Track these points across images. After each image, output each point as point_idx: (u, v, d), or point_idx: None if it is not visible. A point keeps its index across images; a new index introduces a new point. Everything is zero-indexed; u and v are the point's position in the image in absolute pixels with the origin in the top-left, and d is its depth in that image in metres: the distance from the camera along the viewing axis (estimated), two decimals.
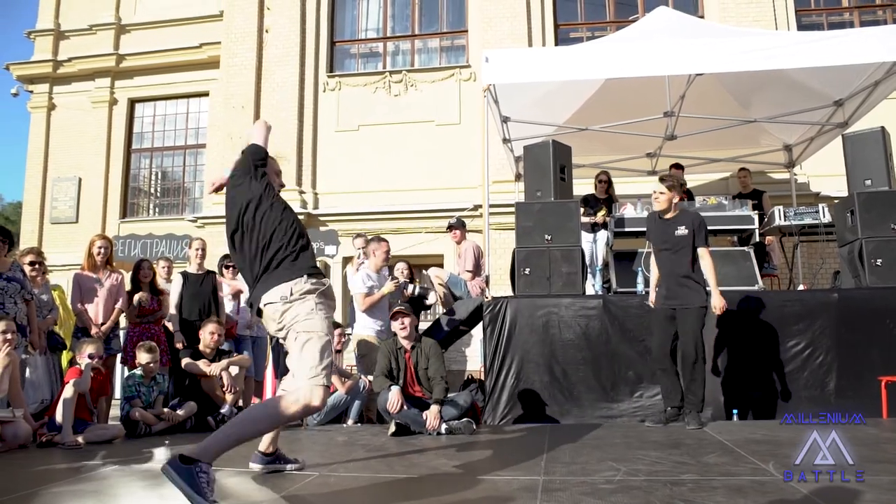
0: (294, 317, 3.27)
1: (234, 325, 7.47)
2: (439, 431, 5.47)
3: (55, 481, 3.74)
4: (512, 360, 6.52)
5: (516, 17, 12.57)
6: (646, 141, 9.55)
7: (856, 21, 12.39)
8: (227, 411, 6.27)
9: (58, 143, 15.15)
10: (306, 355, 3.19)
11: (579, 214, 7.37)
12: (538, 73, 7.21)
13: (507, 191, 10.56)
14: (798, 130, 9.46)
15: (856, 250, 6.73)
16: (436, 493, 3.28)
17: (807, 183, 11.18)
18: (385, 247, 7.02)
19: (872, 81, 7.60)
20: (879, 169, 6.99)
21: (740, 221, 7.86)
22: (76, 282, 6.74)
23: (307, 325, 3.25)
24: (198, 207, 14.25)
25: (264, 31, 13.67)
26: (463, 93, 12.75)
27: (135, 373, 6.12)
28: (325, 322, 3.30)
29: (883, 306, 6.24)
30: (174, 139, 15.05)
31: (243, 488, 3.63)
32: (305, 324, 3.25)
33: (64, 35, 15.57)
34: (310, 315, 3.26)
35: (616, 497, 3.08)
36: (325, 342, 3.23)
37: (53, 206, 14.92)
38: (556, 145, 7.37)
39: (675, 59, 6.89)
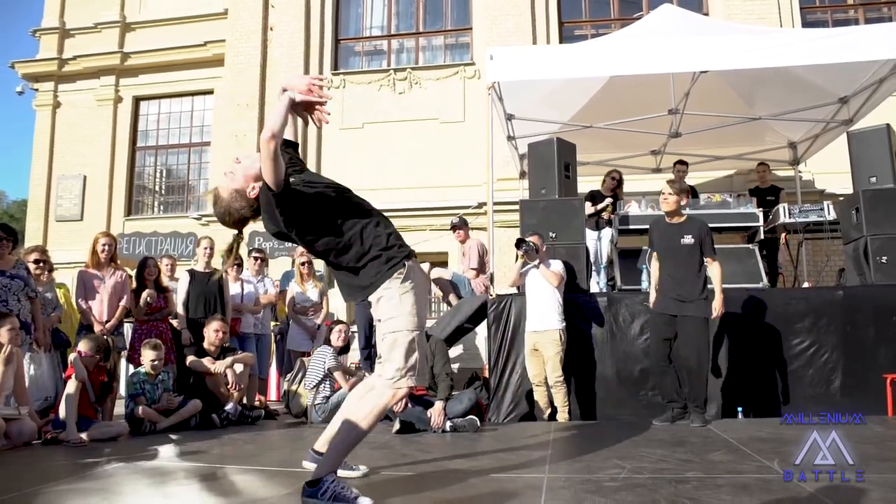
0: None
1: (237, 322, 7.48)
2: (444, 429, 5.47)
3: (60, 479, 3.75)
4: (517, 358, 6.52)
5: (521, 14, 12.56)
6: (650, 138, 9.53)
7: (861, 18, 12.35)
8: (231, 409, 6.29)
9: (63, 140, 15.16)
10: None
11: (584, 212, 7.37)
12: (542, 70, 7.19)
13: (511, 188, 10.55)
14: (803, 128, 9.44)
15: (861, 248, 6.71)
16: (440, 490, 3.28)
17: (812, 180, 11.15)
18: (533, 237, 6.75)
19: (877, 79, 7.57)
20: (884, 166, 6.97)
21: (745, 219, 7.85)
22: (80, 279, 6.77)
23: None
24: (202, 205, 14.25)
25: (269, 29, 13.68)
26: (467, 90, 12.73)
27: (139, 370, 6.13)
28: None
29: (888, 304, 6.22)
30: (179, 137, 15.05)
31: (250, 486, 3.64)
32: None
33: (69, 33, 15.58)
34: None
35: (620, 495, 3.08)
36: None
37: (58, 204, 14.94)
38: (561, 143, 7.36)
39: (680, 56, 6.87)
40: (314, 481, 2.94)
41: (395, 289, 3.09)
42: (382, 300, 3.12)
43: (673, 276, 5.66)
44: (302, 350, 7.63)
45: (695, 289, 5.54)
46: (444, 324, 7.31)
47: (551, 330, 6.11)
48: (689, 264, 5.58)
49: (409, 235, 11.74)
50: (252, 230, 11.84)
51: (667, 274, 5.72)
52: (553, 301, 6.18)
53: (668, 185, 5.78)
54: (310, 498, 2.93)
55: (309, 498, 2.93)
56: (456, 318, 7.28)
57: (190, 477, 3.90)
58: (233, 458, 4.51)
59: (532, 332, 6.20)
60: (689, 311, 5.49)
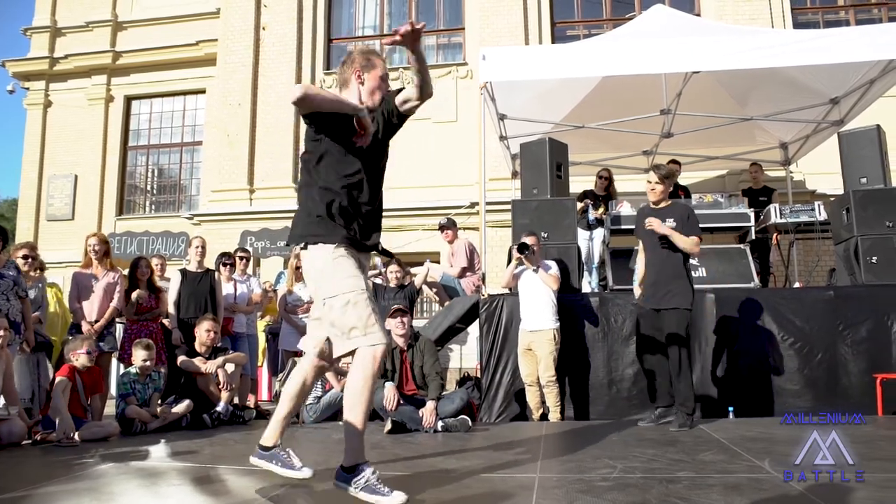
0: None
1: (230, 322, 7.46)
2: (435, 429, 5.47)
3: (50, 480, 3.72)
4: (508, 357, 6.52)
5: (513, 14, 12.58)
6: (642, 138, 9.57)
7: (851, 19, 12.42)
8: (222, 409, 6.27)
9: (54, 140, 15.11)
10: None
11: (576, 212, 7.38)
12: (535, 70, 7.21)
13: (503, 188, 10.57)
14: (794, 128, 9.49)
15: (851, 248, 6.75)
16: (432, 490, 3.28)
17: (803, 181, 11.21)
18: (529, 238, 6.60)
19: (868, 80, 7.61)
20: (875, 167, 7.01)
21: (736, 219, 7.87)
22: (74, 280, 6.74)
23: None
24: (194, 205, 14.24)
25: (261, 29, 13.66)
26: (460, 90, 12.74)
27: (130, 370, 6.10)
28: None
29: (878, 304, 6.26)
30: (171, 136, 15.03)
31: (241, 484, 3.62)
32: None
33: (60, 32, 15.53)
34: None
35: (612, 494, 3.08)
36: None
37: (49, 204, 14.88)
38: (553, 143, 7.38)
39: (672, 57, 6.89)
40: (351, 467, 2.93)
41: (327, 253, 3.13)
42: (311, 260, 3.19)
43: (653, 262, 5.61)
44: (294, 350, 7.61)
45: (676, 274, 5.47)
46: (436, 324, 7.32)
47: (546, 329, 6.11)
48: (671, 247, 5.47)
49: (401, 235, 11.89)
50: (244, 230, 11.83)
51: (650, 261, 5.68)
52: (548, 301, 6.19)
53: (653, 172, 5.73)
54: (343, 483, 2.92)
55: (342, 483, 2.93)
56: (448, 318, 7.28)
57: (181, 477, 3.89)
58: (224, 458, 4.50)
59: (527, 332, 6.21)
60: (671, 304, 5.42)
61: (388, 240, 7.27)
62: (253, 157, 13.21)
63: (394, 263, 7.62)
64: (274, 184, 12.89)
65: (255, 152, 13.22)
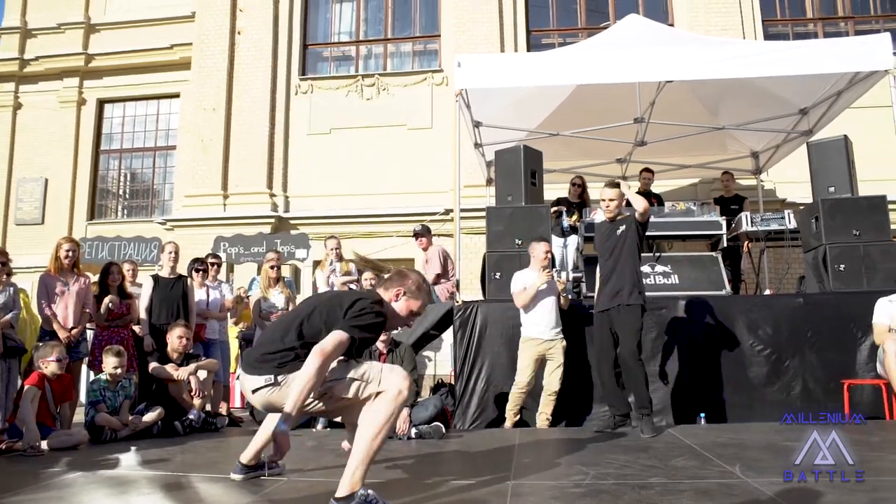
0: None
1: (202, 328, 7.39)
2: (409, 436, 5.46)
3: (18, 489, 3.66)
4: (482, 364, 6.53)
5: (489, 22, 12.63)
6: (616, 147, 9.65)
7: (819, 32, 12.63)
8: (194, 416, 6.19)
9: (23, 142, 14.86)
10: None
11: (550, 219, 7.41)
12: (510, 78, 7.25)
13: (478, 195, 10.60)
14: (765, 138, 9.63)
15: (820, 256, 6.86)
16: (405, 497, 3.28)
17: (773, 189, 11.36)
18: (546, 246, 6.44)
19: (836, 91, 7.75)
20: (842, 176, 7.13)
21: (708, 227, 7.96)
22: (42, 284, 6.57)
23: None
24: (167, 210, 14.10)
25: (237, 33, 13.58)
26: (435, 97, 12.76)
27: (100, 377, 6.01)
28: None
29: (846, 311, 6.36)
30: (144, 140, 14.83)
31: (213, 493, 3.59)
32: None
33: (31, 33, 15.29)
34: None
35: (585, 501, 3.11)
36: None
37: (18, 207, 14.63)
38: (528, 150, 7.41)
39: (646, 66, 6.97)
40: (344, 497, 2.88)
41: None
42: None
43: (606, 269, 5.72)
44: None
45: (628, 277, 5.55)
46: (411, 331, 7.30)
47: (561, 338, 6.19)
48: (623, 252, 5.59)
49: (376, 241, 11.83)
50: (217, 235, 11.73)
51: (603, 268, 5.79)
52: (557, 310, 6.26)
53: (608, 189, 5.76)
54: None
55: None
56: (422, 324, 7.27)
57: (152, 486, 3.85)
58: (196, 466, 4.46)
59: (544, 340, 6.16)
60: (621, 301, 5.50)
61: (362, 246, 7.29)
62: (227, 162, 13.10)
63: (369, 270, 7.59)
64: (248, 189, 12.79)
65: (230, 157, 13.12)
